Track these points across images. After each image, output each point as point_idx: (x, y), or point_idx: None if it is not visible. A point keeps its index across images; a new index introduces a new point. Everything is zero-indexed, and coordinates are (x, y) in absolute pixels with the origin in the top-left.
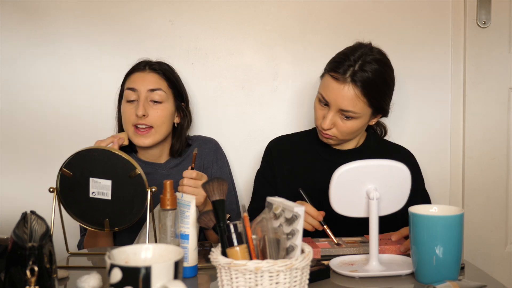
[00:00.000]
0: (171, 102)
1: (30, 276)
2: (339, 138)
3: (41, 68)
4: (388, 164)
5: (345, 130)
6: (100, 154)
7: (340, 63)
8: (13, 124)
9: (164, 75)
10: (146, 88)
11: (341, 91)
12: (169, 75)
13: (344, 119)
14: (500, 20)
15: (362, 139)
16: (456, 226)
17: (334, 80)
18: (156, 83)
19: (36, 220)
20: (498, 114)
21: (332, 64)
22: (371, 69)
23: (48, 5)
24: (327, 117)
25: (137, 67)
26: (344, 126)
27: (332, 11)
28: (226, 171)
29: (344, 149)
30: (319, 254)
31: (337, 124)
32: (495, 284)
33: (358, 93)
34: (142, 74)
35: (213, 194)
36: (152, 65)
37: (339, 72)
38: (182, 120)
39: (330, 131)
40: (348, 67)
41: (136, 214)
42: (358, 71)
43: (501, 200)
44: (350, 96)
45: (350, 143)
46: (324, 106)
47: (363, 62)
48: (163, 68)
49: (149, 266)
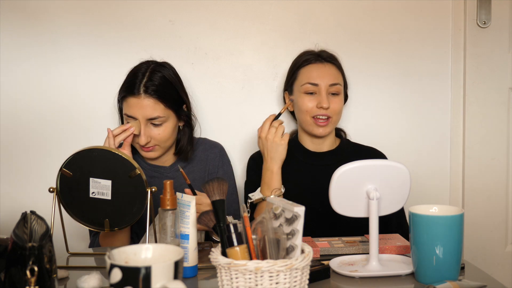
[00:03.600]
0: (172, 118)
1: (30, 276)
2: (333, 119)
3: (41, 68)
4: (388, 164)
5: (337, 107)
6: (100, 154)
7: (307, 56)
8: (13, 124)
9: (160, 97)
10: (144, 117)
11: (324, 68)
12: (165, 95)
13: (333, 97)
14: (500, 20)
15: (337, 142)
16: (456, 226)
17: (314, 64)
18: (153, 110)
19: (36, 220)
20: (498, 114)
21: (303, 58)
22: (329, 52)
23: (48, 5)
24: (322, 98)
25: (132, 90)
26: (335, 102)
27: (332, 11)
28: (231, 177)
29: (321, 151)
30: (319, 254)
31: (331, 102)
32: (495, 284)
33: (336, 67)
34: (138, 100)
35: (213, 194)
36: (147, 88)
37: (312, 59)
38: (187, 123)
39: (329, 111)
40: (312, 53)
41: (136, 214)
42: (325, 51)
43: (501, 200)
44: (332, 70)
45: (326, 145)
46: (312, 95)
47: (321, 50)
48: (158, 86)
49: (149, 266)
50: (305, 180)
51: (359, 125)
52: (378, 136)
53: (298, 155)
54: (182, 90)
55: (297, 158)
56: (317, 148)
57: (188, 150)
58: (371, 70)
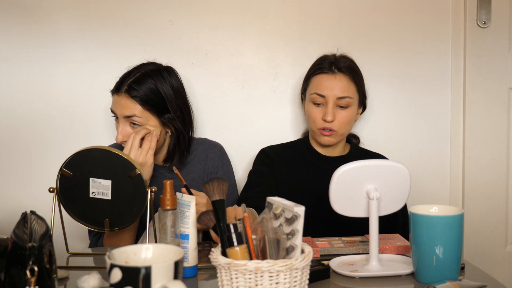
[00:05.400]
0: (152, 121)
1: (30, 276)
2: (338, 132)
3: (41, 68)
4: (388, 164)
5: (344, 120)
6: (100, 154)
7: (322, 63)
8: (13, 124)
9: (139, 99)
10: (121, 114)
11: (335, 80)
12: (145, 98)
13: (341, 110)
14: (500, 20)
15: (347, 148)
16: (456, 226)
17: (325, 74)
18: (129, 109)
19: (36, 220)
20: (498, 114)
21: (315, 66)
22: (348, 60)
23: (48, 5)
24: (328, 110)
25: (117, 88)
26: (342, 116)
27: (332, 11)
28: (231, 177)
29: (332, 156)
30: (319, 254)
31: (336, 115)
32: (495, 284)
33: (349, 79)
34: (118, 97)
35: (213, 194)
36: (129, 88)
37: (325, 68)
38: (174, 131)
39: (333, 124)
40: (328, 60)
41: (136, 214)
42: (343, 59)
43: (501, 200)
44: (344, 81)
45: (337, 151)
46: (319, 106)
47: (340, 56)
48: (141, 88)
49: (149, 266)
50: (312, 183)
51: (359, 125)
52: (378, 136)
53: (308, 156)
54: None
55: (307, 159)
56: (328, 152)
57: (174, 157)
58: (371, 70)
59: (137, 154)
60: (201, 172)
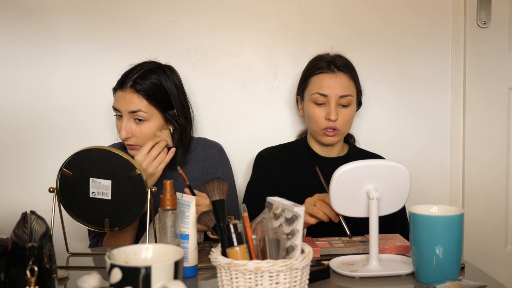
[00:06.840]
0: (157, 118)
1: (30, 276)
2: (341, 130)
3: (41, 68)
4: (388, 164)
5: (346, 118)
6: (100, 154)
7: (319, 63)
8: (13, 124)
9: (145, 93)
10: (126, 109)
11: (336, 79)
12: (151, 93)
13: (342, 108)
14: (500, 20)
15: (346, 149)
16: (456, 226)
17: (325, 74)
18: (135, 104)
19: (36, 220)
20: (498, 114)
21: (313, 67)
22: (344, 58)
23: (48, 5)
24: (331, 109)
25: (121, 84)
26: (344, 114)
27: (332, 12)
28: (230, 177)
29: (330, 157)
30: (319, 254)
31: (339, 113)
32: (495, 284)
33: (348, 77)
34: (122, 93)
35: (213, 194)
36: (134, 83)
37: (324, 67)
38: (178, 127)
39: (336, 123)
40: (325, 59)
41: (136, 214)
42: (339, 58)
43: (501, 200)
44: (344, 80)
45: (335, 151)
46: (320, 106)
47: (335, 55)
48: (146, 83)
49: (149, 266)
50: (311, 184)
51: (359, 125)
52: (378, 136)
53: (306, 157)
54: (176, 96)
55: (305, 160)
56: (326, 153)
57: (177, 155)
58: (371, 70)
59: (149, 163)
60: (200, 172)
